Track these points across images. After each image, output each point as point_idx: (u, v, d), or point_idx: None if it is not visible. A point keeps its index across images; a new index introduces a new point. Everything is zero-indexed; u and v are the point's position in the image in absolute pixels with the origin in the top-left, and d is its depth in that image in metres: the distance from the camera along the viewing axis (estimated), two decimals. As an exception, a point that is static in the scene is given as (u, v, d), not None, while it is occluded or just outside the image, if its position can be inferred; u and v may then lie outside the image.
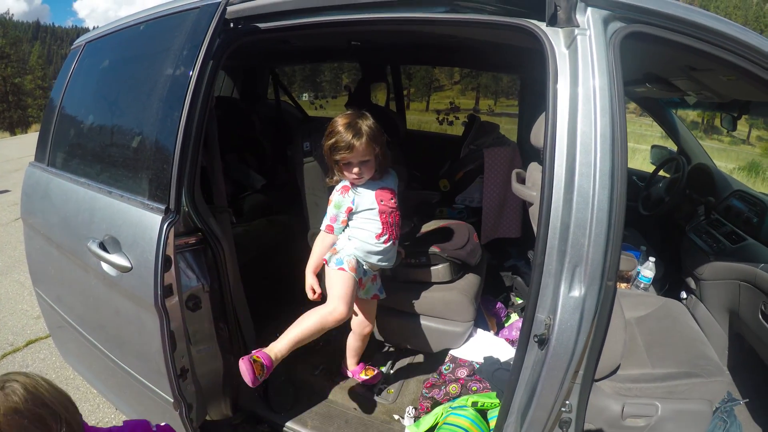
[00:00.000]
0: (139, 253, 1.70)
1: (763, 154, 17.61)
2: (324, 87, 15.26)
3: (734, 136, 19.30)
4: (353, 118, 1.93)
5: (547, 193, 1.27)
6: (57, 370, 3.05)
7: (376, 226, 2.00)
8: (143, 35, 2.12)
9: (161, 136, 1.71)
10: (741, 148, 18.58)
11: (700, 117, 18.23)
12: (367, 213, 2.00)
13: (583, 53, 1.26)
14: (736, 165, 14.52)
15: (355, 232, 2.03)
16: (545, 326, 1.31)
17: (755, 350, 2.23)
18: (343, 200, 1.99)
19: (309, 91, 13.31)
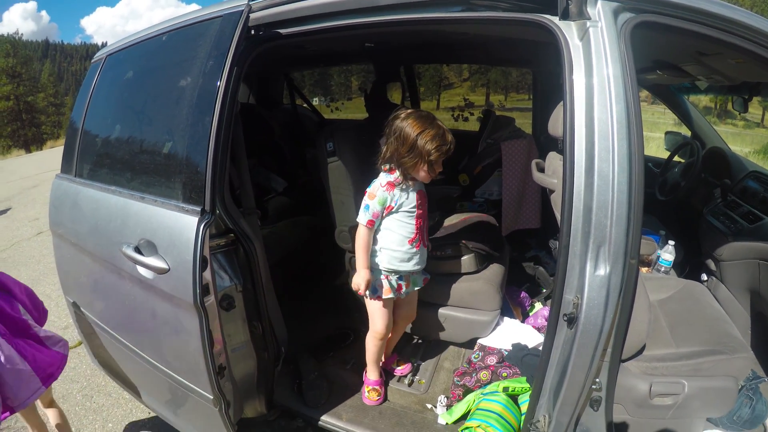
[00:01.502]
0: (176, 254, 1.79)
1: (779, 137, 17.59)
2: (335, 91, 15.36)
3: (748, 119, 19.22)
4: (434, 117, 2.02)
5: (569, 179, 1.37)
6: (88, 378, 3.17)
7: (409, 230, 2.08)
8: (166, 45, 2.22)
9: (193, 141, 1.81)
10: (756, 132, 18.48)
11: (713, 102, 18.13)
12: (404, 215, 2.06)
13: (596, 44, 1.36)
14: (752, 149, 14.47)
15: (387, 236, 2.09)
16: (573, 305, 1.41)
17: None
18: (388, 197, 2.03)
19: (320, 96, 13.42)
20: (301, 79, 13.46)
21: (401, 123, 1.96)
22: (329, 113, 8.76)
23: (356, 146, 2.43)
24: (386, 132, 2.02)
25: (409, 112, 1.99)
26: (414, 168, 1.98)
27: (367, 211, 2.03)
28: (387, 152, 2.01)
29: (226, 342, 1.96)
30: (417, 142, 1.92)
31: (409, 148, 1.94)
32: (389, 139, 1.99)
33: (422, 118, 1.96)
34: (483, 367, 2.25)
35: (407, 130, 1.93)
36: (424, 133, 1.92)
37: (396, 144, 1.96)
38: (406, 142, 1.94)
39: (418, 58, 3.76)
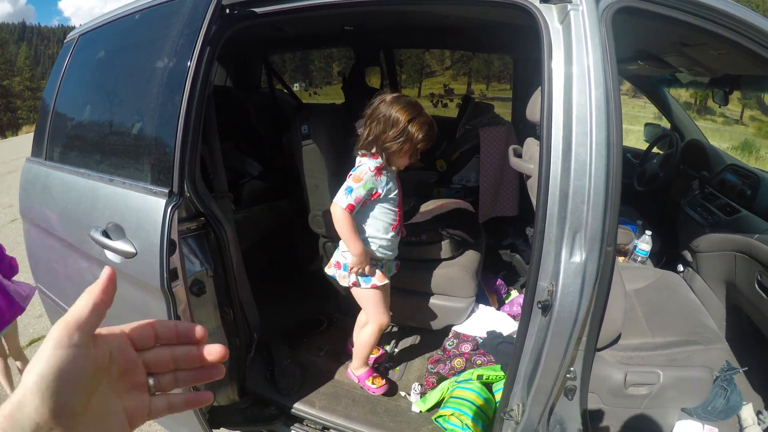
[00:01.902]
0: (143, 237, 1.74)
1: (756, 134, 17.85)
2: (315, 76, 15.21)
3: (727, 116, 19.54)
4: (420, 105, 1.96)
5: (545, 163, 1.34)
6: None
7: (392, 218, 2.04)
8: (139, 24, 2.15)
9: (162, 121, 1.76)
10: (734, 128, 18.80)
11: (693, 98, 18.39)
12: (389, 202, 2.01)
13: (576, 28, 1.33)
14: (730, 144, 14.74)
15: (373, 224, 2.03)
16: (548, 293, 1.39)
17: (752, 320, 2.33)
18: (376, 183, 1.95)
19: (300, 81, 13.25)
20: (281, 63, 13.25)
21: (389, 108, 1.90)
22: (307, 98, 8.66)
23: (331, 130, 2.39)
24: (367, 114, 1.96)
25: (396, 97, 1.93)
26: (398, 154, 1.93)
27: (349, 194, 1.91)
28: (369, 135, 1.94)
29: None
30: (408, 128, 1.88)
31: (398, 133, 1.88)
32: (372, 123, 1.93)
33: (412, 105, 1.92)
34: (457, 355, 2.23)
35: (397, 115, 1.88)
36: (415, 120, 1.88)
37: (382, 128, 1.90)
38: (395, 126, 1.88)
39: (398, 43, 3.71)
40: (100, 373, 0.43)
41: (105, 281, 0.45)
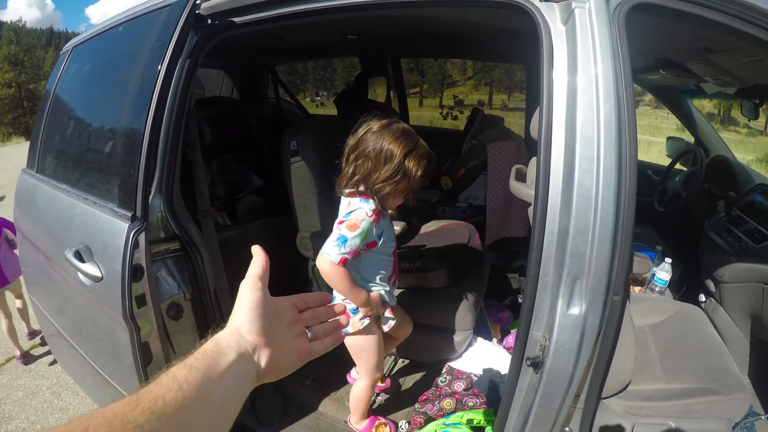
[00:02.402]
0: (108, 262, 1.55)
1: (781, 146, 16.78)
2: (321, 85, 14.88)
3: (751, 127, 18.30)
4: (414, 132, 1.54)
5: (542, 193, 1.04)
6: (58, 375, 2.93)
7: (389, 268, 1.67)
8: (121, 37, 1.97)
9: (129, 140, 1.56)
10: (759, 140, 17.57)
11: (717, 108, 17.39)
12: (385, 252, 1.64)
13: (583, 29, 1.02)
14: (754, 156, 13.76)
15: (365, 275, 1.64)
16: (540, 347, 1.09)
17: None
18: (374, 231, 1.53)
19: (322, 90, 12.96)
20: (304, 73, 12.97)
21: (379, 139, 1.46)
22: (314, 108, 8.41)
23: (322, 146, 2.09)
24: (350, 146, 1.53)
25: (385, 125, 1.50)
26: (392, 194, 1.51)
27: (342, 245, 1.46)
28: (357, 172, 1.50)
29: (176, 353, 1.69)
30: (404, 165, 1.46)
31: (393, 171, 1.45)
32: (358, 159, 1.50)
33: (406, 135, 1.49)
34: (448, 394, 1.92)
35: (390, 149, 1.45)
36: (413, 153, 1.47)
37: (372, 165, 1.47)
38: (389, 163, 1.45)
39: (403, 52, 3.37)
40: (278, 315, 0.60)
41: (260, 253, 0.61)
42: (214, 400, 0.47)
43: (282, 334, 0.59)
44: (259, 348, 0.55)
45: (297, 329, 0.62)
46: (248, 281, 0.57)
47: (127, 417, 0.39)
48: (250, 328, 0.54)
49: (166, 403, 0.42)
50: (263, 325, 0.55)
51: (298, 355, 0.60)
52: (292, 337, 0.61)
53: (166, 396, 0.43)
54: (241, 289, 0.57)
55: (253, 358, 0.54)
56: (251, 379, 0.54)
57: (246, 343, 0.54)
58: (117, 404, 0.40)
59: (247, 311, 0.55)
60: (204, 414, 0.46)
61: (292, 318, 0.62)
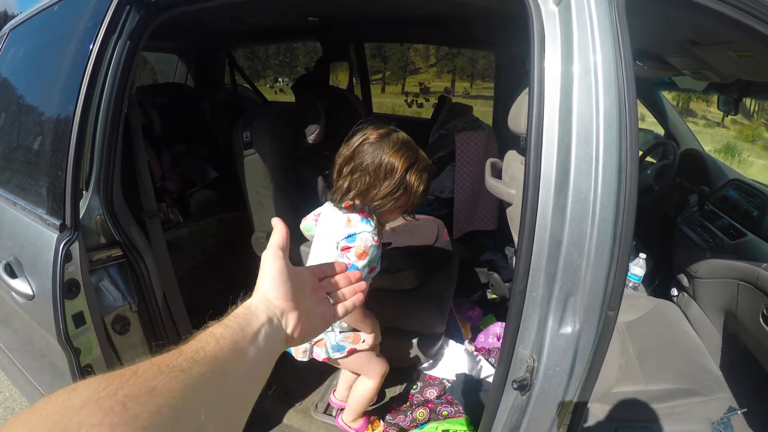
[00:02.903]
0: (38, 278, 1.36)
1: (737, 137, 17.39)
2: (299, 71, 14.50)
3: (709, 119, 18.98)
4: (412, 142, 1.41)
5: (531, 197, 0.90)
6: (11, 388, 2.66)
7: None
8: (56, 17, 1.72)
9: (57, 134, 1.35)
10: (716, 131, 18.22)
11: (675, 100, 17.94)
12: (373, 273, 1.50)
13: (579, 11, 0.89)
14: (712, 147, 14.27)
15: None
16: (527, 368, 0.97)
17: (751, 352, 1.93)
18: (378, 256, 1.43)
19: (282, 76, 12.53)
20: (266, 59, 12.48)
21: (378, 151, 1.32)
22: (273, 95, 8.09)
23: (278, 137, 1.91)
24: (344, 156, 1.36)
25: (383, 134, 1.35)
26: (390, 210, 1.39)
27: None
28: (353, 188, 1.34)
29: None
30: (406, 179, 1.33)
31: (395, 187, 1.32)
32: (353, 173, 1.34)
33: (407, 146, 1.36)
34: (421, 403, 1.80)
35: (391, 162, 1.31)
36: (414, 166, 1.34)
37: (371, 180, 1.32)
38: (390, 177, 1.31)
39: (368, 36, 3.19)
40: (300, 282, 0.61)
41: (280, 224, 0.63)
42: (248, 354, 0.50)
43: (306, 299, 0.62)
44: (287, 312, 0.58)
45: (319, 296, 0.65)
46: (270, 251, 0.60)
47: (172, 363, 0.42)
48: (277, 293, 0.57)
49: (206, 353, 0.45)
50: (288, 290, 0.58)
51: (322, 318, 0.64)
52: (315, 302, 0.64)
53: (206, 348, 0.46)
54: (264, 259, 0.60)
55: (282, 321, 0.57)
56: (281, 340, 0.57)
57: (274, 307, 0.57)
58: (162, 355, 0.44)
59: (272, 279, 0.58)
60: (241, 366, 0.48)
61: (313, 285, 0.65)
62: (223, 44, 3.16)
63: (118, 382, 0.37)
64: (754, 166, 13.83)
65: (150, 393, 0.38)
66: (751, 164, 14.05)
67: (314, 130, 1.99)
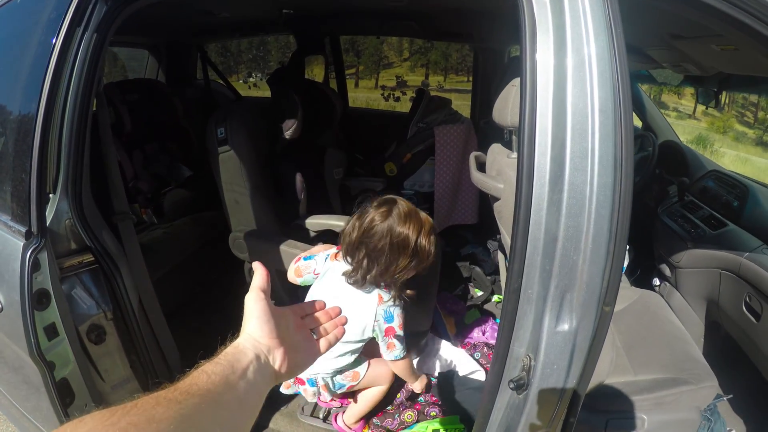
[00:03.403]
0: (6, 290, 1.28)
1: (708, 128, 17.83)
2: (272, 66, 14.21)
3: (680, 110, 19.42)
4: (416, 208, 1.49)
5: (525, 193, 0.88)
6: None
7: None
8: (18, 10, 1.61)
9: (20, 135, 1.28)
10: (687, 123, 18.64)
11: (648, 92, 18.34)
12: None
13: (572, 1, 0.87)
14: (684, 138, 14.61)
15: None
16: (523, 367, 0.96)
17: (732, 337, 1.99)
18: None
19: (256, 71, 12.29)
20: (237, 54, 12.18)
21: (388, 232, 1.40)
22: (247, 90, 7.93)
23: (254, 133, 1.85)
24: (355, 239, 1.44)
25: (385, 213, 1.42)
26: (399, 283, 1.48)
27: (402, 343, 1.54)
28: (371, 269, 1.43)
29: (104, 380, 1.48)
30: (418, 247, 1.41)
31: (410, 259, 1.41)
32: (372, 252, 1.42)
33: (410, 216, 1.43)
34: (408, 405, 1.78)
35: (403, 234, 1.39)
36: (422, 231, 1.42)
37: (388, 258, 1.41)
38: (404, 252, 1.40)
39: (344, 29, 3.17)
40: (284, 321, 0.65)
41: (260, 268, 0.67)
42: (239, 388, 0.53)
43: (291, 336, 0.65)
44: (273, 349, 0.61)
45: (303, 332, 0.69)
46: (252, 293, 0.64)
47: (168, 396, 0.46)
48: (261, 333, 0.61)
49: (199, 387, 0.49)
50: (272, 328, 0.62)
51: (308, 353, 0.68)
52: (300, 338, 0.68)
53: (198, 383, 0.50)
54: (247, 301, 0.64)
55: (269, 358, 0.60)
56: (269, 375, 0.60)
57: (260, 345, 0.60)
58: (159, 391, 0.47)
59: (256, 320, 0.62)
60: (232, 398, 0.52)
61: (296, 323, 0.69)
62: (195, 39, 3.06)
63: (120, 412, 0.42)
64: (726, 156, 14.21)
65: (149, 421, 0.42)
66: (723, 155, 14.43)
67: (291, 125, 1.94)
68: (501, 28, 1.03)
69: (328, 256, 1.56)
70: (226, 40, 4.08)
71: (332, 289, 1.51)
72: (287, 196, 2.11)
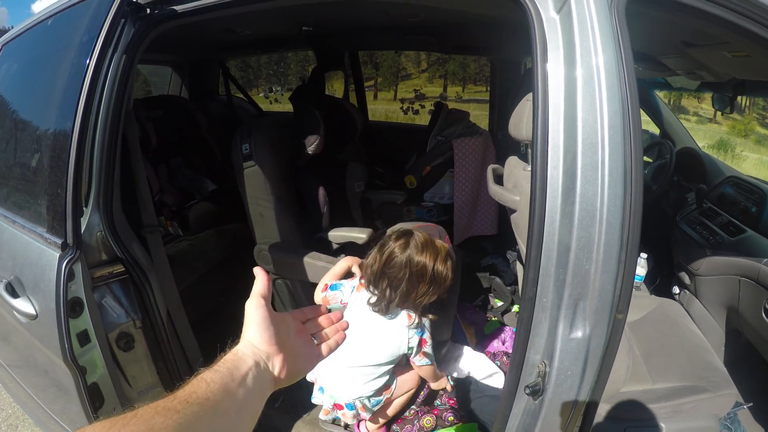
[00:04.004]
0: (41, 298, 1.35)
1: (729, 132, 17.58)
2: (292, 80, 14.35)
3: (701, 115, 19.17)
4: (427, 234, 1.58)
5: (539, 205, 0.92)
6: (14, 405, 2.63)
7: None
8: (50, 31, 1.71)
9: (55, 152, 1.34)
10: (708, 127, 18.39)
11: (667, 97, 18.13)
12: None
13: (580, 18, 0.91)
14: (705, 143, 14.39)
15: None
16: (538, 373, 0.98)
17: (753, 345, 1.96)
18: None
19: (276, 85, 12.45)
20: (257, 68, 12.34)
21: (407, 262, 1.49)
22: (268, 105, 8.05)
23: (278, 148, 1.91)
24: (376, 270, 1.52)
25: (403, 244, 1.51)
26: (420, 306, 1.57)
27: (431, 355, 1.66)
28: (394, 298, 1.51)
29: (131, 386, 1.52)
30: (436, 275, 1.50)
31: (429, 285, 1.51)
32: (392, 282, 1.50)
33: (426, 246, 1.51)
34: (427, 411, 1.80)
35: (421, 263, 1.48)
36: (438, 257, 1.50)
37: (408, 287, 1.50)
38: (422, 279, 1.49)
39: (363, 44, 3.21)
40: (284, 327, 0.67)
41: (261, 273, 0.67)
42: (238, 395, 0.54)
43: (291, 342, 0.66)
44: (272, 355, 0.62)
45: (303, 337, 0.70)
46: (253, 300, 0.64)
47: (167, 406, 0.47)
48: (261, 339, 0.62)
49: (198, 396, 0.50)
50: (272, 335, 0.63)
51: (308, 359, 0.69)
52: (300, 344, 0.68)
53: (197, 391, 0.51)
54: (247, 308, 0.64)
55: (269, 364, 0.62)
56: (269, 381, 0.61)
57: (260, 352, 0.61)
58: (159, 400, 0.49)
59: (256, 326, 0.62)
60: (231, 406, 0.53)
61: (297, 328, 0.70)
62: (217, 55, 3.16)
63: (121, 422, 0.43)
64: (748, 160, 13.98)
65: (149, 431, 0.43)
66: (745, 159, 14.20)
67: (314, 140, 2.00)
68: (516, 41, 1.05)
69: (353, 288, 1.63)
70: (247, 56, 4.17)
71: (360, 318, 1.58)
72: (310, 210, 2.17)
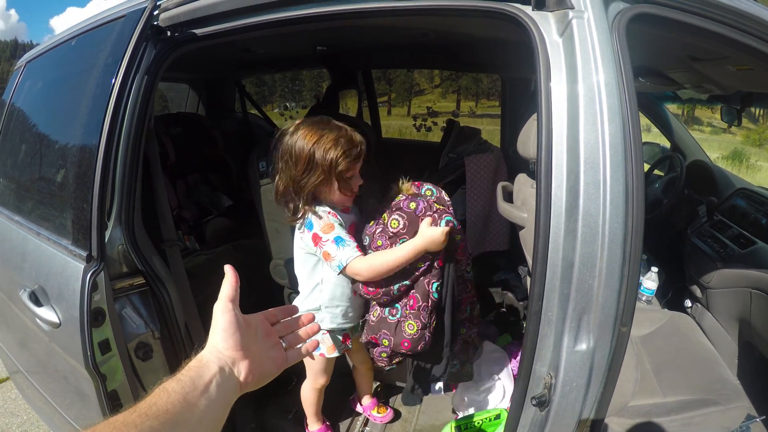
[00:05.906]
0: (65, 307, 1.40)
1: (744, 142, 17.37)
2: (306, 97, 14.50)
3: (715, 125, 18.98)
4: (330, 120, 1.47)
5: (543, 222, 0.95)
6: (28, 412, 2.70)
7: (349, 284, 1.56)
8: (74, 51, 1.80)
9: (81, 168, 1.40)
10: (722, 137, 18.19)
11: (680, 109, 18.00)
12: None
13: (582, 41, 0.95)
14: (719, 154, 14.23)
15: (327, 289, 1.56)
16: (545, 385, 1.01)
17: (765, 357, 1.94)
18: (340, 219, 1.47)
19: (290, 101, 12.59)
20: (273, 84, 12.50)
21: (288, 139, 1.41)
22: (283, 121, 8.18)
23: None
24: (273, 159, 1.47)
25: (297, 124, 1.44)
26: (323, 191, 1.44)
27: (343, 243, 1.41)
28: (280, 185, 1.45)
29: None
30: (315, 155, 1.37)
31: (306, 165, 1.38)
32: (278, 167, 1.45)
33: (315, 124, 1.42)
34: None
35: (299, 144, 1.38)
36: (321, 140, 1.38)
37: (289, 168, 1.41)
38: (299, 159, 1.38)
39: (376, 63, 3.26)
40: (251, 330, 0.66)
41: (231, 272, 0.68)
42: (199, 405, 0.54)
43: (257, 346, 0.66)
44: (238, 360, 0.62)
45: (271, 340, 0.69)
46: (220, 304, 0.64)
47: (126, 420, 0.48)
48: (226, 344, 0.62)
49: (158, 408, 0.50)
50: (238, 340, 0.62)
51: (274, 363, 0.68)
52: (267, 347, 0.68)
53: (158, 403, 0.51)
54: (214, 312, 0.64)
55: (234, 370, 0.61)
56: (233, 387, 0.61)
57: (225, 357, 0.61)
58: (120, 414, 0.49)
59: (222, 331, 0.62)
60: (191, 416, 0.53)
61: (265, 331, 0.69)
62: (234, 74, 3.25)
63: None
64: (763, 170, 13.79)
65: None
66: (760, 168, 14.01)
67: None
68: (525, 59, 1.08)
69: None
70: (262, 75, 4.26)
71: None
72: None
